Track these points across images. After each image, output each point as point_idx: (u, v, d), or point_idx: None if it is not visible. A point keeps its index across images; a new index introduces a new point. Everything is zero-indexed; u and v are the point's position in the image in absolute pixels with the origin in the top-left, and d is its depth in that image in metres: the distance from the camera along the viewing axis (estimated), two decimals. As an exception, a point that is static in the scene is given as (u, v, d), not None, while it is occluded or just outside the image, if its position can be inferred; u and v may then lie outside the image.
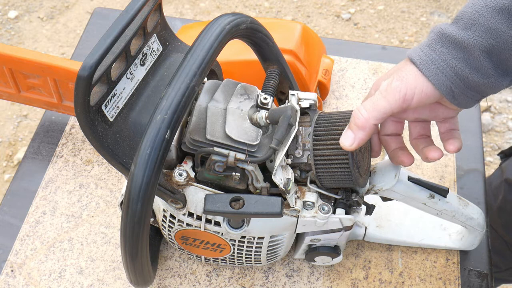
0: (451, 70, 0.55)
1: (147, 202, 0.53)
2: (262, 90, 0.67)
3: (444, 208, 0.69)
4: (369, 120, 0.58)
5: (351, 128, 0.59)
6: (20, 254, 0.78)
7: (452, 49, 0.55)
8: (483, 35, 0.53)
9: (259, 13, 2.26)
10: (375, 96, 0.58)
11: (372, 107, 0.58)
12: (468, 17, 0.54)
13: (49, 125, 0.92)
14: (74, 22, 2.24)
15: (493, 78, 0.56)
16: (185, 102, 0.53)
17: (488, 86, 0.56)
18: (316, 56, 0.91)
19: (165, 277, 0.76)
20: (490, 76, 0.55)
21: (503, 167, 1.06)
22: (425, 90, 0.57)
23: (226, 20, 0.59)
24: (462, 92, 0.57)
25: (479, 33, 0.53)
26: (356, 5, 2.31)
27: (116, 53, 0.57)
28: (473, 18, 0.54)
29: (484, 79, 0.55)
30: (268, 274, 0.77)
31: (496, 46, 0.53)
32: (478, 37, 0.53)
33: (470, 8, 0.54)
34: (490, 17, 0.53)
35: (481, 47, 0.54)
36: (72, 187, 0.84)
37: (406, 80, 0.57)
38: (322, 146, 0.62)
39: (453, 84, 0.56)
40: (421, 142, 0.66)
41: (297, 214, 0.64)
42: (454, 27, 0.55)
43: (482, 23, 0.53)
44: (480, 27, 0.53)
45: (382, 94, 0.58)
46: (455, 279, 0.77)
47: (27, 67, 0.81)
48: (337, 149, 0.61)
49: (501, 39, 0.53)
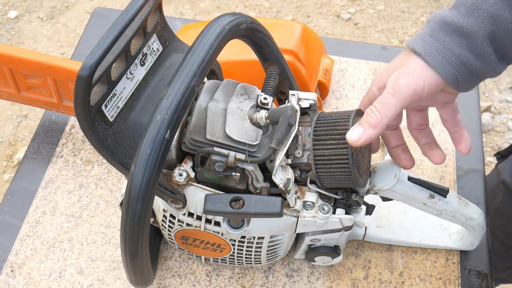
0: (456, 59, 0.55)
1: (147, 202, 0.53)
2: (262, 90, 0.67)
3: (444, 208, 0.69)
4: (383, 120, 0.57)
5: (362, 124, 0.58)
6: (20, 254, 0.78)
7: (456, 37, 0.55)
8: (485, 21, 0.53)
9: (259, 13, 2.26)
10: (384, 96, 0.58)
11: (384, 107, 0.57)
12: (470, 2, 0.53)
13: (49, 125, 0.92)
14: (74, 22, 2.24)
15: (494, 64, 0.56)
16: (185, 102, 0.53)
17: (489, 71, 0.56)
18: (316, 56, 0.91)
19: (165, 277, 0.76)
20: (492, 62, 0.55)
21: (499, 168, 1.05)
22: (433, 81, 0.57)
23: (226, 20, 0.59)
24: (466, 78, 0.57)
25: (482, 19, 0.53)
26: (356, 5, 2.31)
27: (116, 53, 0.57)
28: (475, 4, 0.53)
29: (486, 65, 0.55)
30: (268, 274, 0.77)
31: (497, 32, 0.53)
32: (481, 23, 0.53)
33: None
34: (493, 3, 0.52)
35: (484, 34, 0.53)
36: (72, 187, 0.84)
37: (414, 74, 0.56)
38: (322, 146, 0.62)
39: (458, 72, 0.56)
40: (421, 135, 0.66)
41: (297, 214, 0.64)
42: (456, 13, 0.55)
43: (485, 9, 0.52)
44: (483, 13, 0.53)
45: (390, 93, 0.57)
46: (455, 279, 0.77)
47: (27, 67, 0.81)
48: (337, 149, 0.61)
49: (503, 25, 0.53)
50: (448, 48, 0.55)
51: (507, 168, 1.03)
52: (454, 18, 0.55)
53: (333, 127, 0.62)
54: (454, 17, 0.55)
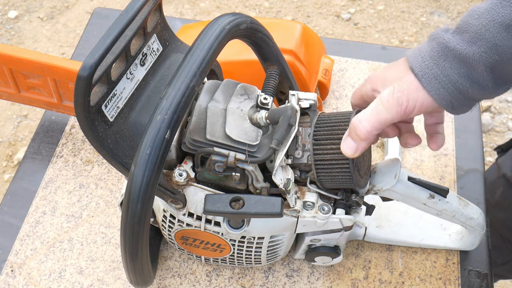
0: (453, 86, 0.55)
1: (147, 202, 0.53)
2: (262, 90, 0.67)
3: (444, 208, 0.69)
4: (372, 131, 0.58)
5: (352, 137, 0.59)
6: (20, 254, 0.78)
7: (456, 63, 0.55)
8: (488, 51, 0.53)
9: (259, 13, 2.26)
10: (377, 106, 0.58)
11: (375, 118, 0.58)
12: (474, 30, 0.53)
13: (49, 125, 0.92)
14: (74, 22, 2.24)
15: (492, 90, 0.56)
16: (185, 102, 0.53)
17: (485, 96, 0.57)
18: (316, 56, 0.91)
19: (165, 277, 0.76)
20: (489, 88, 0.55)
21: (499, 162, 1.06)
22: (425, 103, 0.57)
23: (226, 20, 0.59)
24: (461, 103, 0.57)
25: (485, 49, 0.53)
26: (356, 5, 2.31)
27: (116, 53, 0.57)
28: (479, 33, 0.53)
29: (484, 91, 0.56)
30: (268, 274, 0.77)
31: (500, 62, 0.53)
32: (483, 52, 0.53)
33: (476, 20, 0.53)
34: (497, 33, 0.52)
35: (486, 63, 0.53)
36: (72, 187, 0.84)
37: (408, 92, 0.57)
38: (323, 151, 0.62)
39: (453, 98, 0.56)
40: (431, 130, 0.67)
41: (297, 214, 0.64)
42: (459, 40, 0.54)
43: (488, 38, 0.52)
44: (486, 42, 0.52)
45: (384, 106, 0.58)
46: (455, 279, 0.77)
47: (27, 67, 0.81)
48: (337, 153, 0.61)
49: (506, 55, 0.52)
50: (446, 74, 0.55)
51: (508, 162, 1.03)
52: (457, 44, 0.54)
53: (332, 131, 0.62)
54: (456, 43, 0.54)
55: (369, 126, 0.58)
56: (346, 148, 0.59)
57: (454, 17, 2.27)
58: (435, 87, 0.56)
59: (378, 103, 0.58)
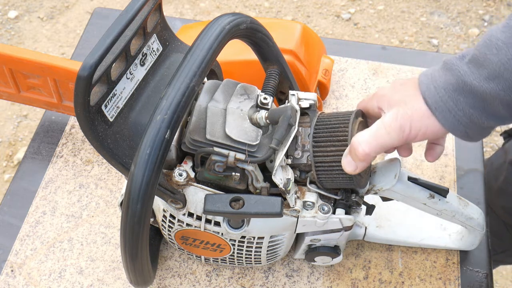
0: (468, 119, 0.55)
1: (147, 202, 0.53)
2: (262, 90, 0.67)
3: (444, 208, 0.69)
4: (370, 154, 0.58)
5: (352, 156, 0.59)
6: (20, 254, 0.78)
7: (471, 98, 0.54)
8: (506, 90, 0.52)
9: (259, 13, 2.26)
10: (378, 130, 0.58)
11: (375, 142, 0.58)
12: (492, 68, 0.52)
13: (49, 125, 0.92)
14: (74, 22, 2.24)
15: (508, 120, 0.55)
16: (185, 102, 0.53)
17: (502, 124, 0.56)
18: (316, 56, 0.91)
19: (165, 277, 0.76)
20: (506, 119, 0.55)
21: (506, 147, 1.03)
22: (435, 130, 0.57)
23: (226, 20, 0.59)
24: (476, 132, 0.57)
25: (502, 87, 0.52)
26: (356, 5, 2.31)
27: (116, 53, 0.57)
28: (498, 71, 0.52)
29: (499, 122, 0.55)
30: (268, 274, 0.77)
31: None
32: (501, 90, 0.52)
33: (495, 57, 0.52)
34: None
35: (502, 101, 0.53)
36: (72, 187, 0.84)
37: (412, 119, 0.57)
38: (323, 153, 0.62)
39: (468, 129, 0.56)
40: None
41: (297, 214, 0.64)
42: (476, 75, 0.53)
43: (507, 77, 0.52)
44: (504, 81, 0.52)
45: (386, 129, 0.57)
46: (455, 279, 0.77)
47: (27, 67, 0.81)
48: (337, 155, 0.61)
49: None
50: (461, 108, 0.55)
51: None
52: (474, 80, 0.53)
53: (332, 132, 0.62)
54: (473, 79, 0.53)
55: (368, 149, 0.58)
56: (346, 164, 0.60)
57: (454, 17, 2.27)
58: (450, 121, 0.55)
59: (380, 126, 0.58)
